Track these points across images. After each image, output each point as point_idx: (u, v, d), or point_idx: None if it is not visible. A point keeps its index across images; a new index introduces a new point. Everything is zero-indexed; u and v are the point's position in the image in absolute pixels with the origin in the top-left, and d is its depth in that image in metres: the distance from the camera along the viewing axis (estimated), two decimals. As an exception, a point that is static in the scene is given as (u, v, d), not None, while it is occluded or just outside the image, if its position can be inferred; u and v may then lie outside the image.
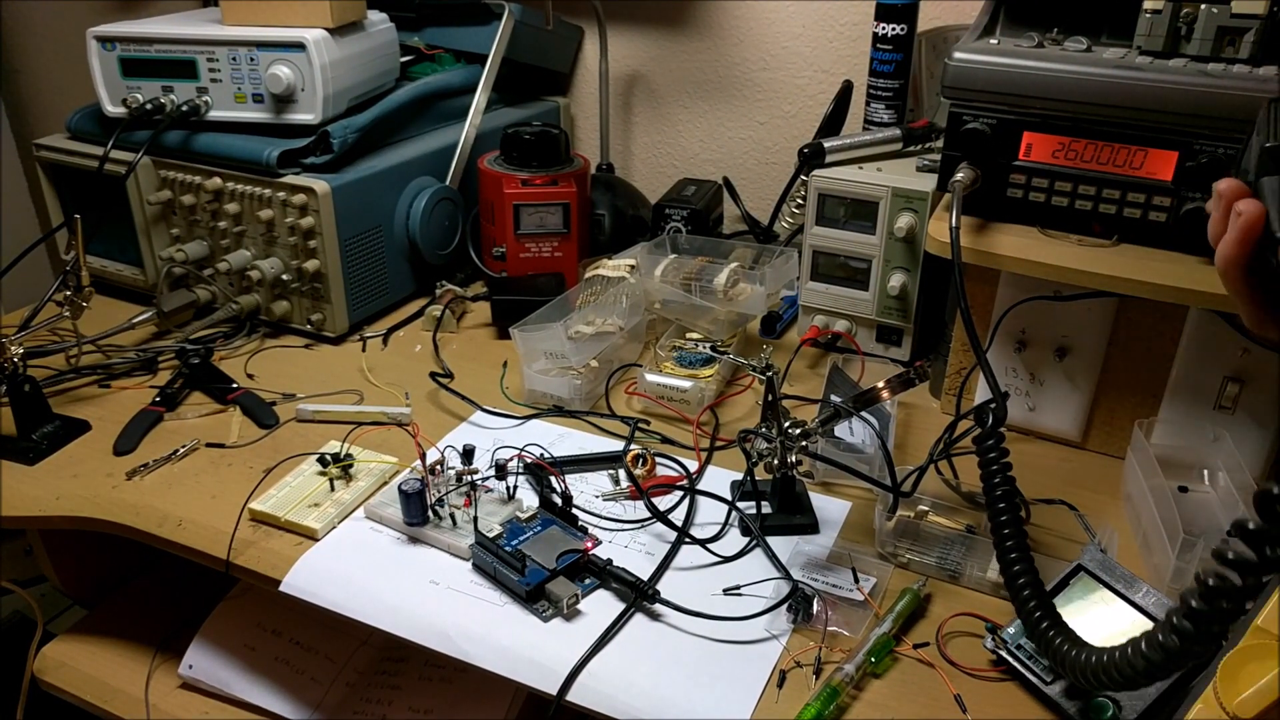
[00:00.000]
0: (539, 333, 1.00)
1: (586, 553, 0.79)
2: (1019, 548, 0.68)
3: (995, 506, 0.71)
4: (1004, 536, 0.69)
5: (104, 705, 0.96)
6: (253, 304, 1.17)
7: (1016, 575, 0.67)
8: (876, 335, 1.12)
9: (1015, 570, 0.68)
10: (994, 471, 0.71)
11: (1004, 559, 0.69)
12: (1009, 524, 0.70)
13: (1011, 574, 0.68)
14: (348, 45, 1.13)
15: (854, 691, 0.68)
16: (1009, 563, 0.68)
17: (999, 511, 0.70)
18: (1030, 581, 0.66)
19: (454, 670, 0.95)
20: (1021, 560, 0.68)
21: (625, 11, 1.46)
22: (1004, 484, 0.71)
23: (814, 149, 1.07)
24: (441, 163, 1.26)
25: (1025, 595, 0.66)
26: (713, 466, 0.93)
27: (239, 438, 0.98)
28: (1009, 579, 0.68)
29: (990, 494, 0.71)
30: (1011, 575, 0.68)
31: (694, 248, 1.19)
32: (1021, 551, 0.68)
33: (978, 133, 0.87)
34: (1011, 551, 0.69)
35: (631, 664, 0.71)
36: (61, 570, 1.05)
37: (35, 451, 0.95)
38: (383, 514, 0.85)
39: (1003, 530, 0.70)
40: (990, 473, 0.71)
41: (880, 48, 1.11)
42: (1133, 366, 0.92)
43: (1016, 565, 0.68)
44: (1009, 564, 0.68)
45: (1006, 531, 0.69)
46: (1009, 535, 0.69)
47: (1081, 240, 0.87)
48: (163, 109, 1.13)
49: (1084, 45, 0.86)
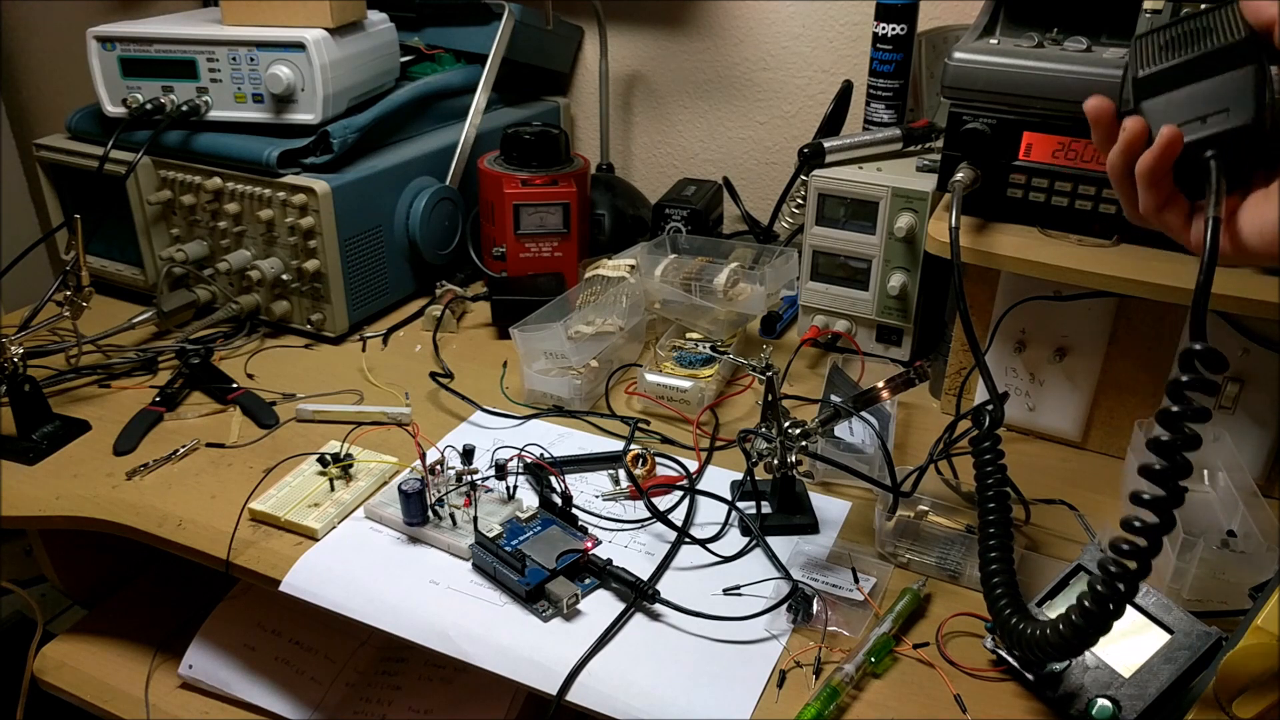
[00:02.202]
0: (539, 333, 1.00)
1: (586, 553, 0.79)
2: (1000, 547, 0.70)
3: (985, 506, 0.72)
4: (987, 535, 0.71)
5: (104, 705, 0.96)
6: (253, 304, 1.17)
7: (992, 574, 0.69)
8: (876, 335, 1.12)
9: (992, 569, 0.69)
10: (988, 474, 0.72)
11: (983, 556, 0.71)
12: (995, 524, 0.71)
13: (988, 572, 0.70)
14: (348, 45, 1.14)
15: (854, 691, 0.68)
16: (987, 560, 0.70)
17: (988, 512, 0.71)
18: (1003, 581, 0.68)
19: (454, 670, 0.95)
20: (1000, 560, 0.69)
21: (625, 11, 1.46)
22: (996, 485, 0.72)
23: (814, 149, 1.07)
24: (441, 163, 1.26)
25: (996, 588, 0.68)
26: (713, 466, 0.93)
27: (239, 438, 0.98)
28: (984, 575, 0.70)
29: (982, 494, 0.72)
30: (988, 574, 0.69)
31: (694, 248, 1.19)
32: (1002, 551, 0.70)
33: (978, 133, 0.87)
34: (992, 550, 0.70)
35: (631, 664, 0.71)
36: (61, 570, 1.05)
37: (35, 451, 0.95)
38: (383, 514, 0.85)
39: (988, 530, 0.71)
40: (984, 474, 0.72)
41: (880, 48, 1.11)
42: (1133, 366, 0.92)
43: (994, 565, 0.69)
44: (987, 561, 0.70)
45: (991, 531, 0.71)
46: (993, 535, 0.71)
47: (1081, 240, 0.87)
48: (163, 109, 1.13)
49: (1084, 45, 0.86)
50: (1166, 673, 0.64)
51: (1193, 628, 0.66)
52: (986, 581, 0.69)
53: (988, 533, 0.71)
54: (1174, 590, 0.74)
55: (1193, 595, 0.74)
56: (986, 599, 0.69)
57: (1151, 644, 0.66)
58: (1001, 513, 0.71)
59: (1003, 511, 0.71)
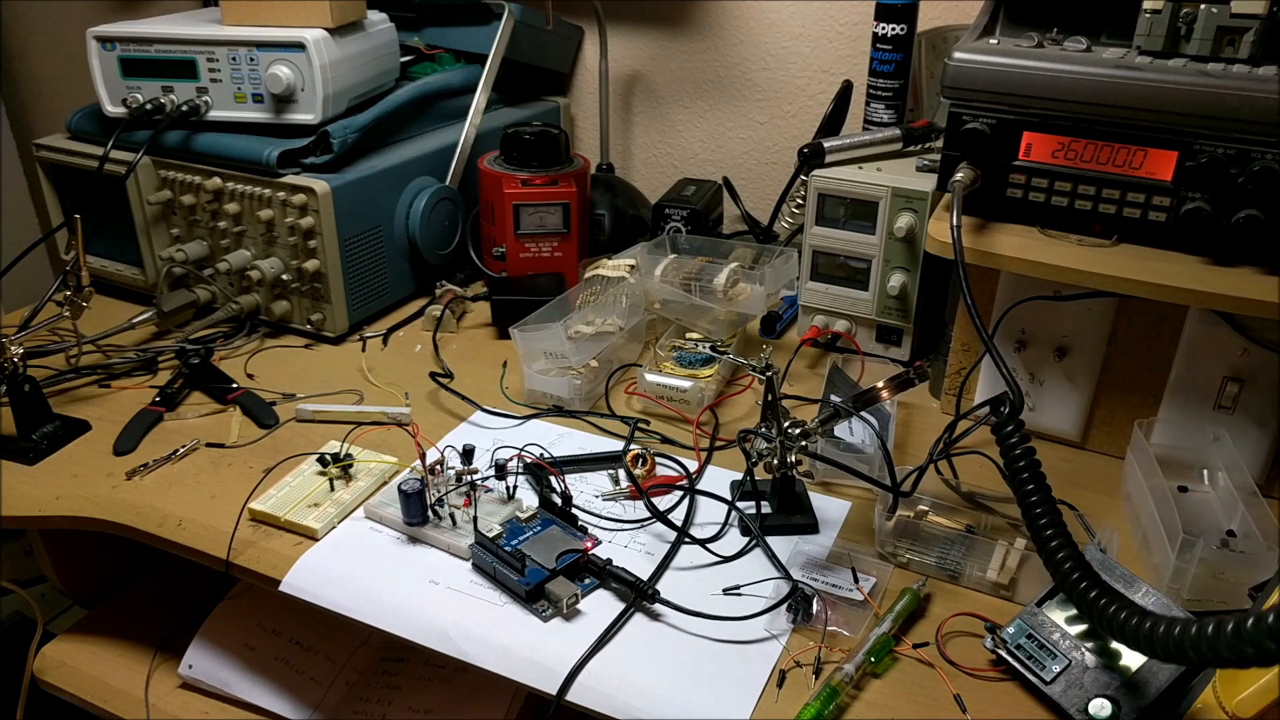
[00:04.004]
0: (539, 333, 1.00)
1: (586, 553, 0.79)
2: (1054, 524, 0.66)
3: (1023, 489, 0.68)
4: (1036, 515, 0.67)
5: (104, 705, 0.96)
6: (253, 304, 1.17)
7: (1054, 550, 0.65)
8: (876, 335, 1.12)
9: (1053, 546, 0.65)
10: (1017, 456, 0.69)
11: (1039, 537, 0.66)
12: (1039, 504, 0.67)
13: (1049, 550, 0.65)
14: (348, 45, 1.14)
15: (854, 691, 0.68)
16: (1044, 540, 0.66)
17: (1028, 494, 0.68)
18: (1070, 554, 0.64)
19: (454, 670, 0.95)
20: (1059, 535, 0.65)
21: (625, 11, 1.46)
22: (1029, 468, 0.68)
23: (814, 149, 1.07)
24: (441, 163, 1.26)
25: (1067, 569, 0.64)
26: (712, 466, 0.93)
27: (239, 438, 0.98)
28: (1046, 556, 0.66)
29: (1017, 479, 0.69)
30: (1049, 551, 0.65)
31: (694, 248, 1.19)
32: (1058, 527, 0.66)
33: (978, 133, 0.87)
34: (1046, 529, 0.66)
35: (631, 664, 0.71)
36: (61, 570, 1.05)
37: (35, 451, 0.95)
38: (383, 514, 0.85)
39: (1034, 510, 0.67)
40: (1013, 457, 0.69)
41: (880, 48, 1.11)
42: (1133, 366, 0.92)
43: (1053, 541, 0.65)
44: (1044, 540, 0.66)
45: (1038, 510, 0.67)
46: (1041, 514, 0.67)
47: (1081, 240, 0.87)
48: (163, 109, 1.13)
49: (1084, 45, 0.86)
50: (1166, 673, 0.64)
51: (1193, 628, 0.65)
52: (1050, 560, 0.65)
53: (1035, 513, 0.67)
54: (1174, 590, 0.74)
55: (1193, 595, 0.74)
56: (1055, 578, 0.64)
57: (1152, 644, 0.66)
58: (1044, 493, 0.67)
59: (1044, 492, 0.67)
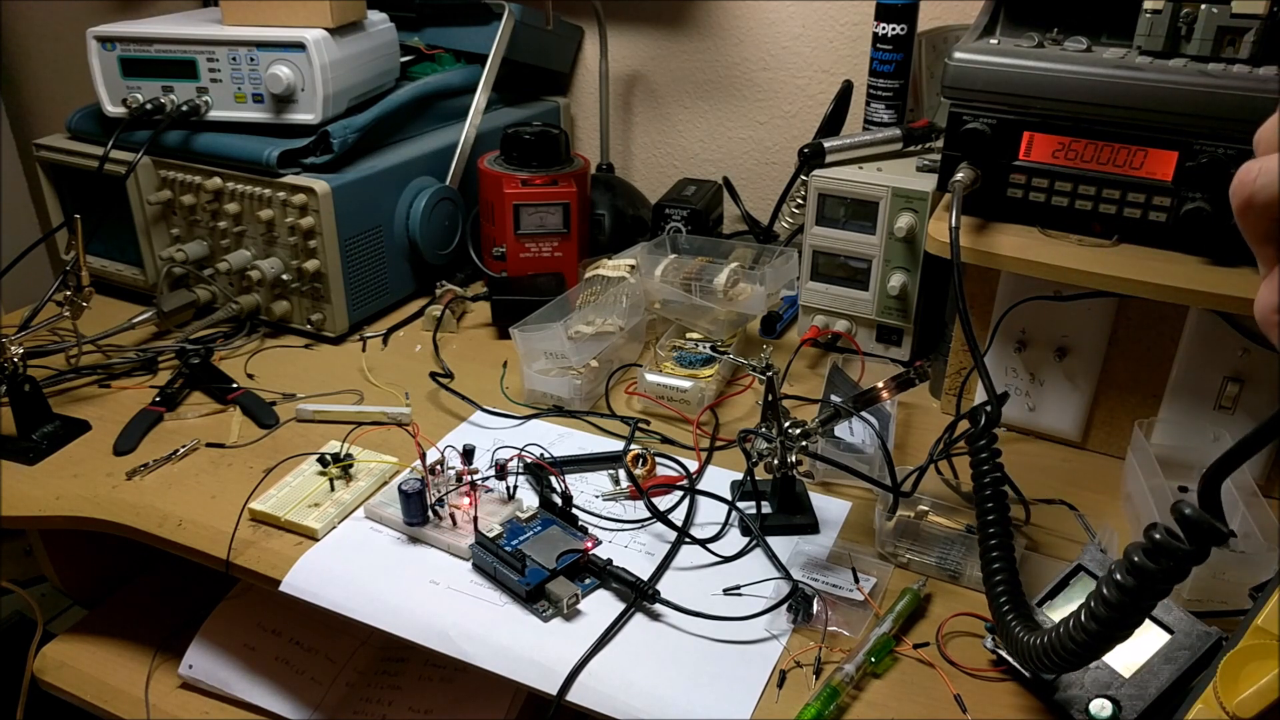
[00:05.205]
0: (539, 333, 1.00)
1: (586, 553, 0.79)
2: (1001, 546, 0.69)
3: (983, 507, 0.71)
4: (987, 536, 0.71)
5: (104, 705, 0.96)
6: (253, 304, 1.17)
7: (994, 573, 0.69)
8: (876, 335, 1.12)
9: (994, 568, 0.69)
10: (984, 473, 0.72)
11: (984, 557, 0.70)
12: (994, 524, 0.70)
13: (990, 571, 0.69)
14: (348, 45, 1.13)
15: (854, 691, 0.68)
16: (989, 560, 0.70)
17: (986, 512, 0.71)
18: (1006, 580, 0.68)
19: (454, 670, 0.95)
20: (1002, 559, 0.69)
21: (625, 11, 1.46)
22: (993, 485, 0.72)
23: (814, 149, 1.07)
24: (441, 163, 1.26)
25: (998, 587, 0.67)
26: (713, 466, 0.93)
27: (239, 438, 0.98)
28: (986, 575, 0.69)
29: (980, 494, 0.72)
30: (990, 572, 0.69)
31: (694, 248, 1.19)
32: (1004, 551, 0.69)
33: (978, 133, 0.87)
34: (994, 550, 0.70)
35: (631, 664, 0.71)
36: (61, 570, 1.05)
37: (35, 451, 0.95)
38: (383, 514, 0.85)
39: (987, 530, 0.71)
40: (981, 474, 0.72)
41: (880, 48, 1.11)
42: (1133, 366, 0.92)
43: (996, 564, 0.69)
44: (989, 560, 0.70)
45: (991, 531, 0.70)
46: (993, 535, 0.70)
47: (1081, 240, 0.87)
48: (163, 109, 1.13)
49: (1084, 45, 0.86)
50: (1166, 673, 0.64)
51: (1193, 628, 0.66)
52: (988, 581, 0.69)
53: (987, 533, 0.71)
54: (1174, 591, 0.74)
55: (1193, 595, 0.74)
56: (989, 602, 0.69)
57: (1151, 644, 0.66)
58: (1000, 513, 0.71)
59: (1001, 511, 0.71)
